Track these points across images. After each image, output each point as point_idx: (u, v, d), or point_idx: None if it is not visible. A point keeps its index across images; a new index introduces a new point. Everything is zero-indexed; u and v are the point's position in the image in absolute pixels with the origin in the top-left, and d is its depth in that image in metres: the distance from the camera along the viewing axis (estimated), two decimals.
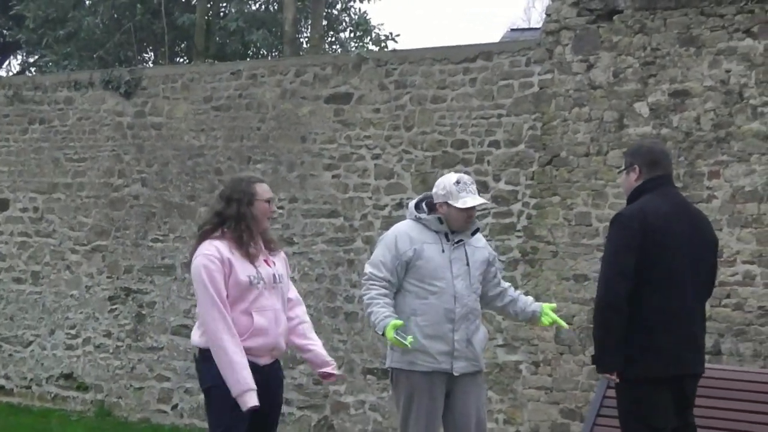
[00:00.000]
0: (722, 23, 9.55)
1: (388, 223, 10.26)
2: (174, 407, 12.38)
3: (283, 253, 6.31)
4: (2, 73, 25.61)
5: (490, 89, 10.70)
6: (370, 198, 11.31)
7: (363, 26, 22.59)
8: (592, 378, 9.58)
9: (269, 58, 20.57)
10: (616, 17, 10.06)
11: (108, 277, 12.93)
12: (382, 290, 6.44)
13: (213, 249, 5.82)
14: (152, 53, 22.70)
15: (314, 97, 11.70)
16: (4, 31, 23.66)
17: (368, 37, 22.56)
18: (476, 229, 6.68)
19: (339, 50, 22.43)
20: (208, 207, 6.30)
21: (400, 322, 6.24)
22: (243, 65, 12.64)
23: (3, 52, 25.66)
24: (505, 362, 10.45)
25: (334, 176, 11.52)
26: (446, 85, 10.94)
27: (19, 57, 26.26)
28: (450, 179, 6.58)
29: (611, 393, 6.28)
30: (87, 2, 21.24)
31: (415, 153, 11.07)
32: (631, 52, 9.96)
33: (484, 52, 10.83)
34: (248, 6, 22.30)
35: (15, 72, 25.71)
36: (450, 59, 10.96)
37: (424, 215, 6.57)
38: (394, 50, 13.26)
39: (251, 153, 12.02)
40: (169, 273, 12.49)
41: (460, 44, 11.17)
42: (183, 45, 22.31)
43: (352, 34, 23.41)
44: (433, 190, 6.63)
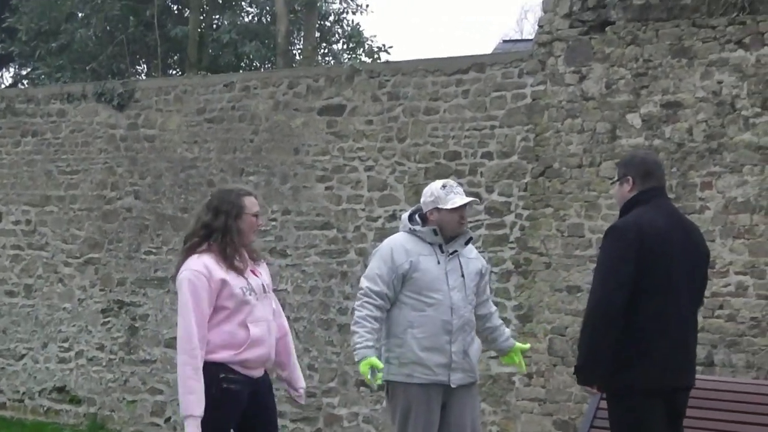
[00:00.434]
0: (714, 35, 9.57)
1: (382, 234, 10.24)
2: (167, 420, 12.34)
3: (265, 263, 6.29)
4: None
5: (482, 101, 10.71)
6: (363, 210, 11.30)
7: (356, 38, 22.64)
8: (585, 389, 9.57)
9: (262, 70, 20.58)
10: (608, 29, 10.08)
11: (101, 290, 12.90)
12: (375, 311, 6.36)
13: (201, 265, 5.79)
14: (145, 65, 22.71)
15: (307, 108, 11.70)
16: None
17: (361, 49, 22.61)
18: (469, 239, 6.67)
19: (332, 62, 22.47)
20: (194, 216, 6.23)
21: (379, 364, 6.19)
22: (236, 77, 12.64)
23: None
24: (498, 374, 10.44)
25: (327, 188, 11.52)
26: (439, 97, 10.95)
27: (12, 69, 26.27)
28: (436, 185, 6.57)
29: (604, 404, 6.26)
30: (80, 15, 21.24)
31: (408, 164, 11.07)
32: (624, 63, 9.97)
33: (477, 63, 10.85)
34: (241, 18, 22.35)
35: (7, 84, 25.70)
36: (443, 71, 10.97)
37: (418, 227, 6.54)
38: (387, 62, 13.27)
39: (244, 165, 12.01)
40: (162, 285, 12.47)
41: (453, 56, 11.20)
42: (176, 57, 22.32)
43: (344, 46, 23.46)
44: (422, 200, 6.61)
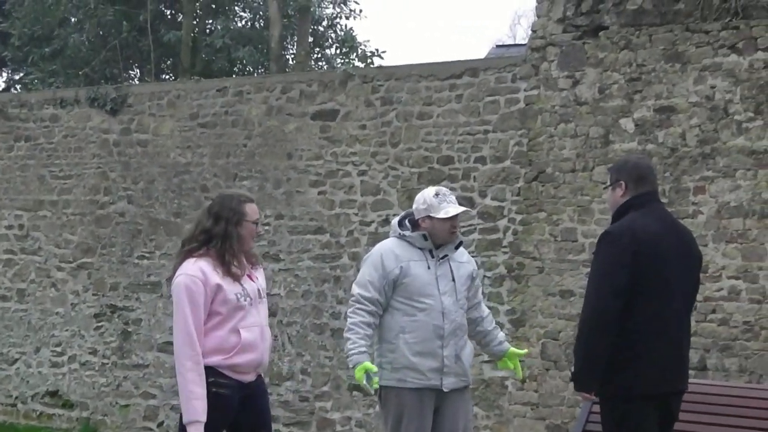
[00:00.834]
0: (707, 39, 9.58)
1: (375, 239, 10.24)
2: (160, 425, 12.33)
3: (262, 268, 6.29)
4: None
5: (476, 105, 10.71)
6: (357, 214, 11.30)
7: (349, 43, 22.68)
8: (578, 394, 9.56)
9: (255, 74, 20.61)
10: (601, 33, 10.09)
11: (94, 295, 12.88)
12: (367, 317, 6.35)
13: (197, 270, 5.74)
14: (138, 70, 22.73)
15: (300, 113, 11.70)
16: None
17: (354, 54, 22.65)
18: (459, 243, 6.65)
19: (325, 67, 22.51)
20: (194, 221, 6.21)
21: (373, 368, 6.18)
22: (229, 82, 12.63)
23: None
24: (491, 378, 10.44)
25: (320, 193, 11.52)
26: (432, 102, 10.95)
27: (5, 74, 26.30)
28: (429, 192, 6.54)
29: (597, 408, 6.25)
30: (73, 20, 21.26)
31: (401, 169, 11.07)
32: (617, 68, 9.98)
33: (470, 68, 10.85)
34: (234, 23, 22.38)
35: (0, 89, 25.66)
36: (436, 76, 10.98)
37: (408, 232, 6.52)
38: (381, 67, 13.29)
39: (237, 170, 12.00)
40: (155, 290, 12.46)
41: (446, 61, 11.20)
42: (169, 62, 22.35)
43: (338, 51, 23.50)
44: (414, 206, 6.58)
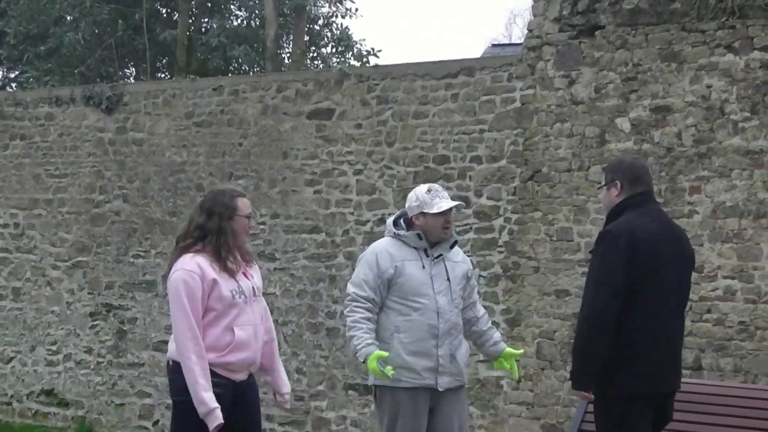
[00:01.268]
0: (703, 39, 9.59)
1: (370, 238, 10.24)
2: (155, 423, 12.32)
3: (257, 265, 6.29)
4: None
5: (472, 105, 10.71)
6: (352, 213, 11.30)
7: (345, 42, 22.65)
8: (573, 393, 9.54)
9: (251, 73, 20.59)
10: (597, 33, 10.09)
11: (89, 293, 12.87)
12: (366, 313, 6.36)
13: (194, 265, 5.74)
14: (134, 69, 22.72)
15: (296, 112, 11.70)
16: None
17: (350, 53, 22.62)
18: (455, 242, 6.65)
19: (321, 66, 22.48)
20: (187, 217, 6.20)
21: (384, 354, 6.18)
22: (225, 81, 12.62)
23: None
24: (486, 378, 10.44)
25: (315, 192, 11.51)
26: (428, 101, 10.94)
27: (0, 72, 26.21)
28: (421, 189, 6.54)
29: (592, 408, 6.25)
30: (68, 18, 21.23)
31: (397, 168, 11.07)
32: (613, 67, 9.99)
33: (466, 67, 10.85)
34: (230, 22, 22.34)
35: None
36: (432, 75, 10.97)
37: (402, 232, 6.52)
38: (376, 66, 13.26)
39: (233, 169, 12.00)
40: (151, 289, 12.45)
41: (442, 60, 11.19)
42: (164, 61, 22.33)
43: (333, 50, 23.48)
44: (407, 204, 6.58)
